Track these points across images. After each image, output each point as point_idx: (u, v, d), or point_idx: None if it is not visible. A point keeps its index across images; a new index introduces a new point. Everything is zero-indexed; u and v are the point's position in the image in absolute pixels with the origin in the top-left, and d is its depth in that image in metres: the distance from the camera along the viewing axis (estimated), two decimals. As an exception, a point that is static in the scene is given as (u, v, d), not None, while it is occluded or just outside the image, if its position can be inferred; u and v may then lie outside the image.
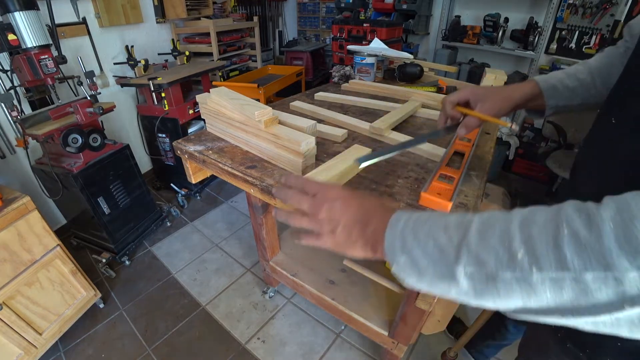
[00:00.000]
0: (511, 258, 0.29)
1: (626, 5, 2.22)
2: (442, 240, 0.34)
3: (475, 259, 0.31)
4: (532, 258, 0.28)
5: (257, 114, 0.78)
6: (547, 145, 2.64)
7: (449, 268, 0.33)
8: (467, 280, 0.32)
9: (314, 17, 4.26)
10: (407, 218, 0.39)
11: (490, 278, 0.31)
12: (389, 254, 0.38)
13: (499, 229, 0.31)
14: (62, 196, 1.57)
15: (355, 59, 1.51)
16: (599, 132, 0.53)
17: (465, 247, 0.32)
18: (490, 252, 0.31)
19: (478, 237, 0.32)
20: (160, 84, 1.88)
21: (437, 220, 0.36)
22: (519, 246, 0.29)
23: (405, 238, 0.37)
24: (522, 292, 0.29)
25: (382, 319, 1.20)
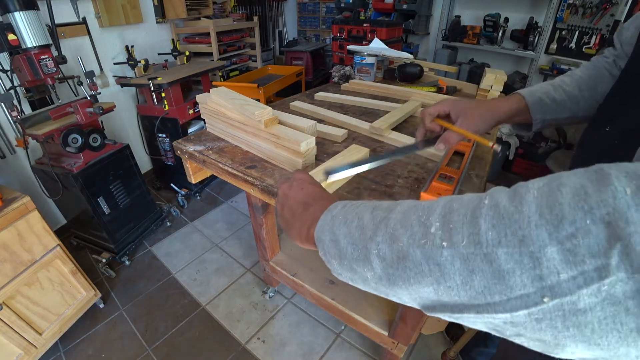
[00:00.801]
0: (425, 233, 0.26)
1: (626, 5, 2.22)
2: (366, 219, 0.31)
3: (391, 235, 0.28)
4: (445, 232, 0.25)
5: (257, 114, 0.78)
6: (547, 145, 2.64)
7: (364, 247, 0.30)
8: (379, 261, 0.29)
9: (314, 17, 4.26)
10: (345, 204, 0.37)
11: (400, 258, 0.27)
12: (317, 235, 0.36)
13: (423, 207, 0.28)
14: (62, 196, 1.58)
15: (355, 59, 1.51)
16: (593, 140, 0.52)
17: (383, 225, 0.29)
18: (407, 227, 0.27)
19: (401, 215, 0.29)
20: (160, 84, 1.88)
21: (370, 204, 0.34)
22: (435, 220, 0.26)
23: (335, 220, 0.35)
24: (432, 275, 0.25)
25: (382, 319, 1.20)
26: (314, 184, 0.46)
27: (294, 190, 0.45)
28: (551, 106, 0.61)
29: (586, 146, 0.54)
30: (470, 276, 0.23)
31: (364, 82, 1.43)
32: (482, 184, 0.73)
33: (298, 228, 0.41)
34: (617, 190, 0.19)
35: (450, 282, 0.24)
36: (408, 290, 0.28)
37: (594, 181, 0.20)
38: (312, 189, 0.45)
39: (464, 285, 0.24)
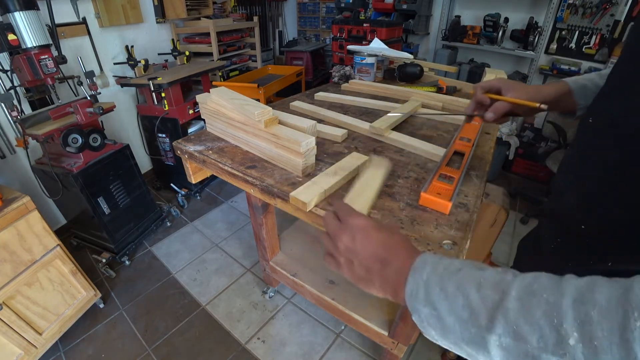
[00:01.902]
0: (559, 341, 0.24)
1: (626, 5, 2.22)
2: (474, 300, 0.30)
3: (514, 331, 0.27)
4: (589, 349, 0.23)
5: (257, 114, 0.78)
6: (547, 145, 2.64)
7: (479, 334, 0.29)
8: (500, 351, 0.28)
9: (314, 17, 4.26)
10: (434, 264, 0.35)
11: (529, 357, 0.26)
12: (410, 302, 0.35)
13: (546, 302, 0.26)
14: (62, 196, 1.57)
15: (355, 59, 1.51)
16: (579, 132, 0.55)
17: (501, 315, 0.28)
18: (534, 327, 0.26)
19: (519, 305, 0.27)
20: (160, 84, 1.88)
21: (469, 274, 0.32)
22: (572, 329, 0.24)
23: (431, 288, 0.33)
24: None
25: (382, 319, 1.20)
26: (379, 229, 0.41)
27: (361, 243, 0.40)
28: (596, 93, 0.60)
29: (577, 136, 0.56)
30: None
31: (364, 82, 1.43)
32: (482, 184, 0.73)
33: (380, 287, 0.39)
34: None
35: None
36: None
37: None
38: (381, 237, 0.40)
39: None
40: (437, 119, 1.11)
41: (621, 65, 0.47)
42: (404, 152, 0.89)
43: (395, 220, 0.62)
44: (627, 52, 0.46)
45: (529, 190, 2.53)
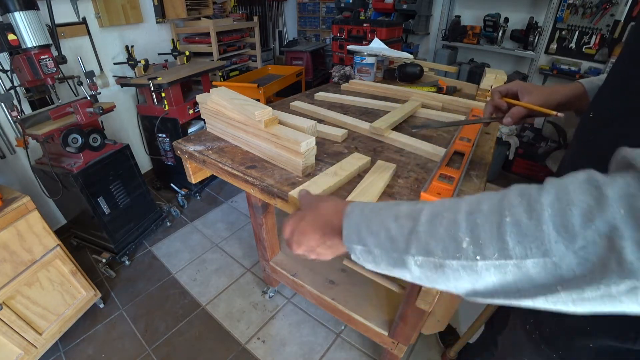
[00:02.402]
0: (457, 247, 0.30)
1: (626, 5, 2.22)
2: (393, 230, 0.35)
3: (424, 248, 0.32)
4: (477, 247, 0.29)
5: (257, 114, 0.78)
6: (547, 145, 2.64)
7: (400, 257, 0.34)
8: (418, 268, 0.33)
9: (314, 17, 4.26)
10: (361, 208, 0.40)
11: (438, 266, 0.32)
12: (347, 244, 0.40)
13: (447, 218, 0.32)
14: (62, 196, 1.57)
15: (355, 59, 1.51)
16: (580, 127, 0.56)
17: (414, 237, 0.33)
18: (438, 241, 0.31)
19: (427, 226, 0.33)
20: (160, 84, 1.88)
21: (389, 210, 0.37)
22: (464, 235, 0.30)
23: (360, 229, 0.38)
24: (470, 277, 0.30)
25: (382, 319, 1.20)
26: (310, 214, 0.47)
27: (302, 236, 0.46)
28: None
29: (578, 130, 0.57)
30: (503, 277, 0.29)
31: (364, 82, 1.43)
32: (482, 184, 0.73)
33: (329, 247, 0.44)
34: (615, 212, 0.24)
35: (485, 281, 0.30)
36: (446, 285, 0.33)
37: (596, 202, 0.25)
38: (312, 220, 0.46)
39: (498, 282, 0.29)
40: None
41: (621, 65, 0.47)
42: (404, 152, 0.89)
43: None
44: (627, 52, 0.47)
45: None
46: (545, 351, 0.55)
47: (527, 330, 0.59)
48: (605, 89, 0.51)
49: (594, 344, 0.48)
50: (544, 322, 0.56)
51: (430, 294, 0.78)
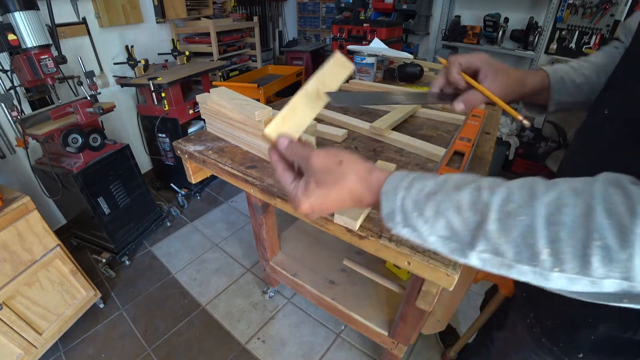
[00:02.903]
0: (533, 255, 0.29)
1: (626, 5, 2.22)
2: (455, 223, 0.32)
3: (493, 248, 0.31)
4: (556, 261, 0.28)
5: (257, 114, 0.78)
6: (547, 145, 2.64)
7: (461, 249, 0.33)
8: (479, 261, 0.32)
9: (314, 17, 4.26)
10: (406, 187, 0.36)
11: (505, 265, 0.31)
12: (388, 223, 0.37)
13: (522, 222, 0.29)
14: (62, 196, 1.57)
15: (355, 59, 1.51)
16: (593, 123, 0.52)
17: (483, 236, 0.31)
18: (511, 245, 0.30)
19: (498, 226, 0.30)
20: (160, 84, 1.88)
21: (446, 196, 0.34)
22: (544, 246, 0.28)
23: (407, 213, 0.35)
24: (535, 279, 0.30)
25: (382, 319, 1.20)
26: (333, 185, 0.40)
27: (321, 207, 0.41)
28: (570, 88, 0.57)
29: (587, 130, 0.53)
30: (572, 284, 0.28)
31: (364, 82, 1.43)
32: (482, 184, 0.73)
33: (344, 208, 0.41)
34: None
35: (552, 283, 0.29)
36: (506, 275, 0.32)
37: None
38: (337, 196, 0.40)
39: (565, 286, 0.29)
40: (437, 119, 1.11)
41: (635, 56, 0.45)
42: (404, 152, 0.89)
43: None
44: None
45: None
46: (546, 344, 0.55)
47: (528, 323, 0.59)
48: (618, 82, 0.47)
49: (595, 335, 0.48)
50: (545, 316, 0.56)
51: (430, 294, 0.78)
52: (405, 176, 0.37)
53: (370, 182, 0.39)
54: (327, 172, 0.40)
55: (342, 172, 0.39)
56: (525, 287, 0.63)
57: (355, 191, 0.39)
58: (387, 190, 0.37)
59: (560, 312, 0.52)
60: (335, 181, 0.39)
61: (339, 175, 0.39)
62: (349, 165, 0.40)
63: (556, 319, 0.53)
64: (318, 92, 0.48)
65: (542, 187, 0.30)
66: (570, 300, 0.32)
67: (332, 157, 0.40)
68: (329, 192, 0.40)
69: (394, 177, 0.38)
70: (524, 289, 0.65)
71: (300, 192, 0.41)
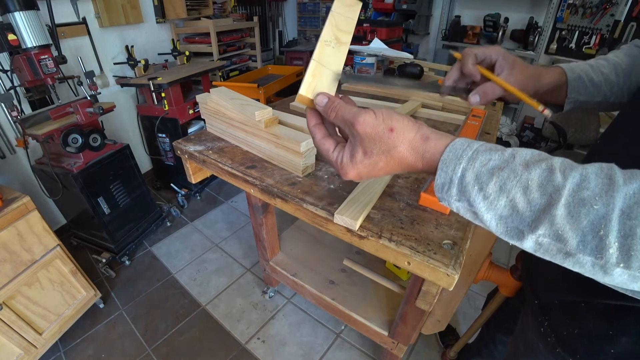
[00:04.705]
0: (599, 247, 0.27)
1: (626, 5, 2.22)
2: (519, 202, 0.30)
3: (556, 234, 0.28)
4: (624, 257, 0.26)
5: (257, 114, 0.78)
6: (547, 145, 2.64)
7: (519, 229, 0.30)
8: (534, 244, 0.30)
9: (314, 17, 4.26)
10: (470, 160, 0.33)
11: (564, 253, 0.29)
12: (440, 194, 0.35)
13: (595, 213, 0.27)
14: (62, 196, 1.57)
15: (355, 59, 1.51)
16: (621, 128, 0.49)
17: (548, 220, 0.28)
18: (577, 232, 0.27)
19: (566, 212, 0.28)
20: (160, 84, 1.88)
21: (513, 174, 0.31)
22: (614, 240, 0.26)
23: (467, 187, 0.32)
24: (594, 272, 0.28)
25: (382, 319, 1.20)
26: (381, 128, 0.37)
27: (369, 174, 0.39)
28: (588, 87, 0.56)
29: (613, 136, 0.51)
30: (631, 282, 0.27)
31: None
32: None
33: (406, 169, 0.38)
34: None
35: (610, 279, 0.27)
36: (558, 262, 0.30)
37: None
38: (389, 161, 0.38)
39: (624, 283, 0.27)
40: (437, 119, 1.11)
41: None
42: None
43: (395, 220, 0.62)
44: None
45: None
46: (561, 354, 0.53)
47: (542, 332, 0.57)
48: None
49: (616, 348, 0.45)
50: (560, 325, 0.53)
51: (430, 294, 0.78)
52: (468, 145, 0.34)
53: (425, 150, 0.36)
54: (376, 140, 0.37)
55: (393, 142, 0.37)
56: (538, 295, 0.59)
57: (407, 160, 0.37)
58: (446, 159, 0.34)
59: (577, 323, 0.50)
60: (385, 151, 0.37)
61: (390, 144, 0.37)
62: (402, 134, 0.37)
63: (573, 330, 0.51)
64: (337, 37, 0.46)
65: (622, 176, 0.28)
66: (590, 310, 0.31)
67: (382, 123, 0.37)
68: (378, 162, 0.38)
69: (455, 144, 0.34)
70: (537, 297, 0.61)
71: (347, 161, 0.39)
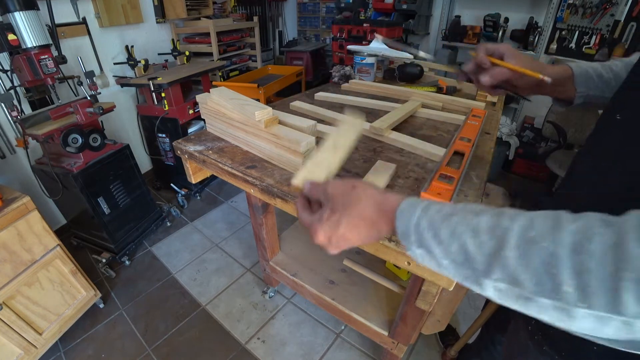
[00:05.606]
0: (555, 288, 0.26)
1: (626, 5, 2.22)
2: (470, 246, 0.31)
3: (511, 278, 0.28)
4: (582, 295, 0.25)
5: (257, 114, 0.78)
6: (547, 145, 2.64)
7: (475, 275, 0.31)
8: (494, 292, 0.30)
9: (314, 17, 4.25)
10: (423, 208, 0.36)
11: (523, 298, 0.28)
12: (403, 242, 0.37)
13: (545, 251, 0.27)
14: (62, 196, 1.57)
15: (355, 59, 1.51)
16: (602, 130, 0.51)
17: (500, 263, 0.29)
18: (531, 275, 0.27)
19: (517, 254, 0.28)
20: (160, 84, 1.88)
21: (463, 219, 0.32)
22: (567, 278, 0.26)
23: (422, 233, 0.34)
24: (558, 317, 0.27)
25: (382, 319, 1.20)
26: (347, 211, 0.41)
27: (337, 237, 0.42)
28: (597, 82, 0.58)
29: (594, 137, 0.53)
30: (600, 326, 0.26)
31: (364, 82, 1.43)
32: (482, 184, 0.73)
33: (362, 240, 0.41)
34: None
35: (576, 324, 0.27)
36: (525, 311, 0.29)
37: None
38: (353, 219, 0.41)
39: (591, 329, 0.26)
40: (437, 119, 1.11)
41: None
42: (404, 152, 0.89)
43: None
44: None
45: (529, 191, 2.53)
46: (548, 352, 0.55)
47: (530, 330, 0.59)
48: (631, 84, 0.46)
49: (599, 345, 0.47)
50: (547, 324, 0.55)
51: (430, 294, 0.78)
52: (422, 200, 0.38)
53: (384, 204, 0.39)
54: (341, 196, 0.42)
55: (356, 195, 0.41)
56: None
57: (368, 214, 0.40)
58: (403, 209, 0.37)
59: None
60: (348, 204, 0.41)
61: (353, 198, 0.41)
62: (363, 190, 0.41)
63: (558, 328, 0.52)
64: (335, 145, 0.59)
65: (569, 217, 0.28)
66: None
67: (348, 183, 0.43)
68: (341, 218, 0.40)
69: (410, 199, 0.38)
70: None
71: (317, 222, 0.42)
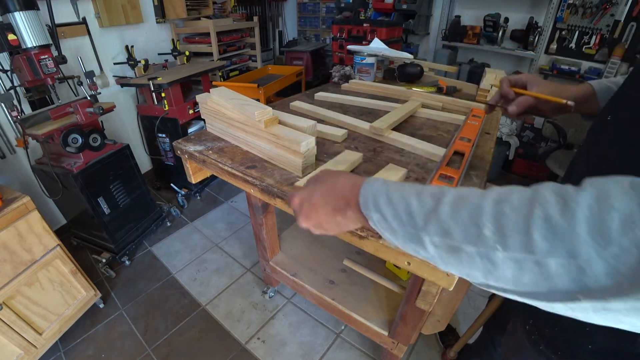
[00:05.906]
0: (478, 233, 0.29)
1: (626, 5, 2.22)
2: (413, 206, 0.35)
3: (442, 229, 0.32)
4: (499, 236, 0.28)
5: (257, 114, 0.78)
6: (547, 145, 2.64)
7: (416, 233, 0.34)
8: (433, 247, 0.33)
9: (314, 17, 4.25)
10: (384, 181, 0.41)
11: (454, 249, 0.31)
12: (364, 211, 0.40)
13: (472, 203, 0.31)
14: (62, 196, 1.57)
15: (355, 59, 1.51)
16: (597, 131, 0.53)
17: (434, 216, 0.33)
18: (459, 224, 0.31)
19: (449, 208, 0.32)
20: (160, 84, 1.88)
21: (413, 187, 0.37)
22: (488, 222, 0.29)
23: (378, 198, 0.38)
24: (484, 267, 0.30)
25: (382, 319, 1.20)
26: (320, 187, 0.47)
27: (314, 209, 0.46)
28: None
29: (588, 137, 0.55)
30: (519, 273, 0.28)
31: (364, 82, 1.43)
32: (482, 184, 0.73)
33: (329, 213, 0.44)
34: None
35: (499, 273, 0.29)
36: (459, 270, 0.33)
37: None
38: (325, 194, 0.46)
39: (513, 278, 0.28)
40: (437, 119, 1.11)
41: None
42: (404, 152, 0.89)
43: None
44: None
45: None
46: (544, 351, 0.55)
47: (527, 330, 0.59)
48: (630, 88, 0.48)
49: (593, 345, 0.47)
50: (544, 323, 0.56)
51: (430, 294, 0.78)
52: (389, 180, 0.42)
53: (357, 183, 0.43)
54: (324, 174, 0.49)
55: (337, 174, 0.48)
56: None
57: (341, 190, 0.44)
58: (368, 181, 0.42)
59: (558, 321, 0.52)
60: (327, 180, 0.47)
61: (334, 176, 0.47)
62: (347, 174, 0.47)
63: (554, 327, 0.53)
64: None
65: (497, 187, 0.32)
66: None
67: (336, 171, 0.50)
68: (317, 187, 0.47)
69: (380, 178, 0.42)
70: None
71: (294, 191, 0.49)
